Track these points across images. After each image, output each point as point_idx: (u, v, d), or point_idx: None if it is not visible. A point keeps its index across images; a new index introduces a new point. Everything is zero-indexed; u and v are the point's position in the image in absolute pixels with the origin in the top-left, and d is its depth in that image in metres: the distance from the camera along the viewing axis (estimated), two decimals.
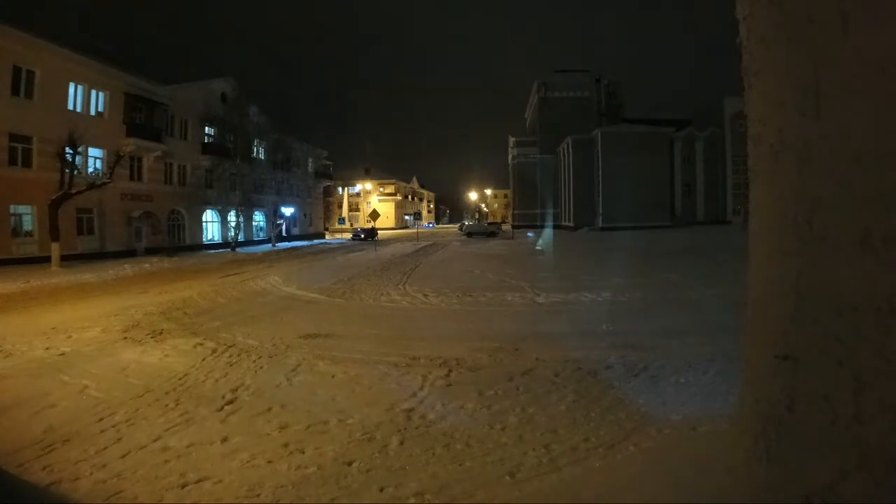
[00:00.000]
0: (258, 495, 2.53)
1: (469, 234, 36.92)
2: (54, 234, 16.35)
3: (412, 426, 3.33)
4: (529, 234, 36.66)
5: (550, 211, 44.45)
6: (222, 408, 3.75)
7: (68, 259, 17.13)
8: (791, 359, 1.01)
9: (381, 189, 66.30)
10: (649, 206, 37.70)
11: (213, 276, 13.96)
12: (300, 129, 35.89)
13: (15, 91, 17.49)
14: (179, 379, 4.47)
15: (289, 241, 34.39)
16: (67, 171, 16.88)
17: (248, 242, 30.61)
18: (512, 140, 52.72)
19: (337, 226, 54.77)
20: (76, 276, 14.13)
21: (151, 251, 22.48)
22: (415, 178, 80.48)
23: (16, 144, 17.57)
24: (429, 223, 74.65)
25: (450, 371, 4.50)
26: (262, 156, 32.20)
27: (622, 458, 2.74)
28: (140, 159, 23.38)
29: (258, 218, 33.14)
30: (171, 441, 3.18)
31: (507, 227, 46.80)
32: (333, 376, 4.47)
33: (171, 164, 25.36)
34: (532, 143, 49.50)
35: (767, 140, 1.10)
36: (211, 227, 29.00)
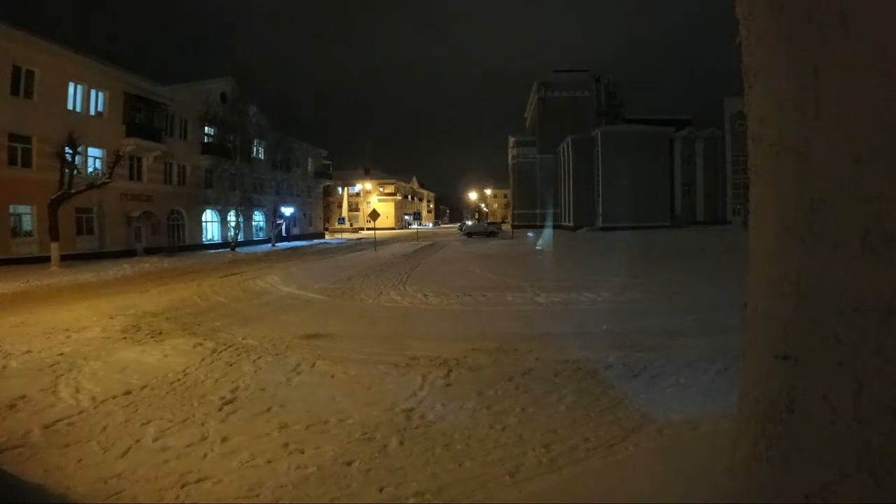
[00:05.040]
0: (258, 495, 2.52)
1: (469, 234, 36.91)
2: (54, 233, 16.34)
3: (412, 426, 3.33)
4: (529, 233, 36.67)
5: (550, 211, 44.47)
6: (222, 407, 3.75)
7: (68, 259, 17.11)
8: (791, 359, 1.01)
9: (381, 189, 66.24)
10: (649, 206, 37.72)
11: (212, 276, 13.95)
12: (300, 128, 35.75)
13: (15, 91, 17.46)
14: (179, 379, 4.46)
15: (288, 241, 34.37)
16: (67, 171, 16.86)
17: (248, 242, 30.59)
18: (512, 140, 52.72)
19: (337, 225, 54.73)
20: (76, 276, 14.11)
21: (151, 251, 22.46)
22: (415, 178, 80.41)
23: (15, 144, 17.55)
24: (429, 223, 74.71)
25: (449, 371, 4.50)
26: (261, 156, 32.18)
27: (622, 458, 2.74)
28: (140, 159, 23.36)
29: (258, 218, 33.12)
30: (170, 441, 3.18)
31: (506, 226, 46.81)
32: (333, 376, 4.47)
33: (170, 164, 25.33)
34: (532, 143, 49.51)
35: (767, 140, 1.10)
36: (211, 227, 28.98)
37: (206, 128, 27.71)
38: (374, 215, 23.95)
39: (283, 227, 35.25)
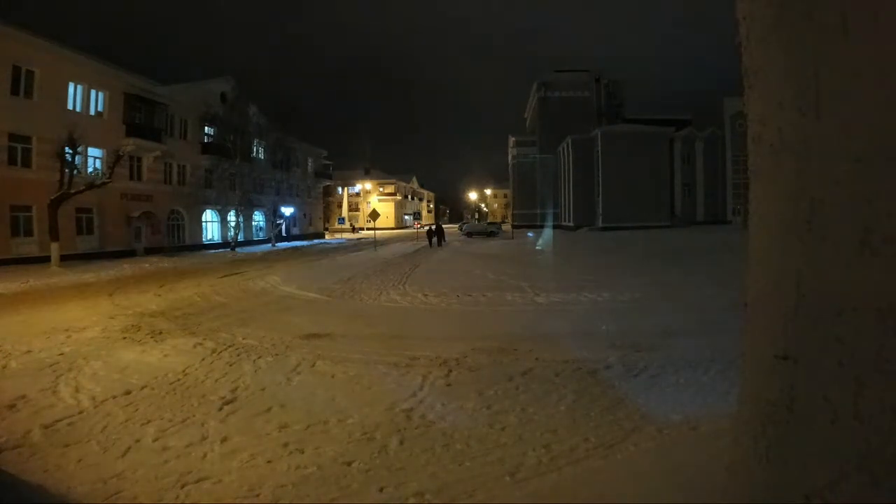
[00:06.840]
0: (258, 495, 2.53)
1: (469, 234, 36.92)
2: (54, 233, 16.34)
3: (412, 426, 3.33)
4: (529, 233, 36.66)
5: (550, 211, 44.44)
6: (222, 407, 3.75)
7: (68, 259, 17.11)
8: (791, 359, 1.01)
9: (381, 189, 66.26)
10: (649, 205, 37.72)
11: (212, 275, 13.95)
12: (300, 128, 35.74)
13: (15, 91, 17.45)
14: (179, 379, 4.47)
15: (288, 241, 34.35)
16: (67, 170, 16.86)
17: (248, 242, 30.58)
18: (512, 140, 52.69)
19: (337, 225, 54.71)
20: (76, 276, 14.12)
21: (151, 251, 22.47)
22: (415, 178, 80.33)
23: (15, 144, 17.55)
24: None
25: (449, 371, 4.50)
26: (261, 156, 32.17)
27: (622, 458, 2.74)
28: (139, 159, 23.36)
29: (258, 218, 33.11)
30: (170, 441, 3.18)
31: (507, 226, 46.79)
32: (333, 376, 4.47)
33: (170, 163, 25.32)
34: (532, 143, 49.48)
35: (767, 140, 1.10)
36: (210, 227, 28.97)
37: (206, 128, 27.70)
38: (374, 215, 23.95)
39: (283, 227, 35.21)
